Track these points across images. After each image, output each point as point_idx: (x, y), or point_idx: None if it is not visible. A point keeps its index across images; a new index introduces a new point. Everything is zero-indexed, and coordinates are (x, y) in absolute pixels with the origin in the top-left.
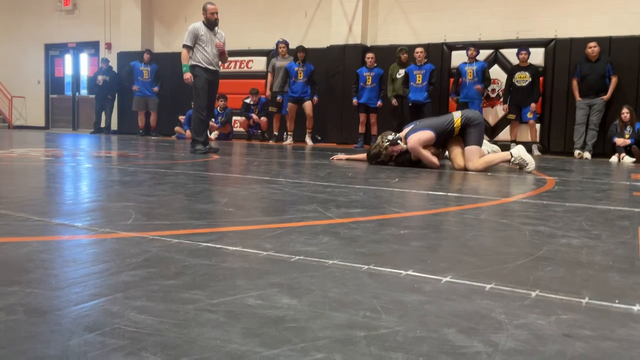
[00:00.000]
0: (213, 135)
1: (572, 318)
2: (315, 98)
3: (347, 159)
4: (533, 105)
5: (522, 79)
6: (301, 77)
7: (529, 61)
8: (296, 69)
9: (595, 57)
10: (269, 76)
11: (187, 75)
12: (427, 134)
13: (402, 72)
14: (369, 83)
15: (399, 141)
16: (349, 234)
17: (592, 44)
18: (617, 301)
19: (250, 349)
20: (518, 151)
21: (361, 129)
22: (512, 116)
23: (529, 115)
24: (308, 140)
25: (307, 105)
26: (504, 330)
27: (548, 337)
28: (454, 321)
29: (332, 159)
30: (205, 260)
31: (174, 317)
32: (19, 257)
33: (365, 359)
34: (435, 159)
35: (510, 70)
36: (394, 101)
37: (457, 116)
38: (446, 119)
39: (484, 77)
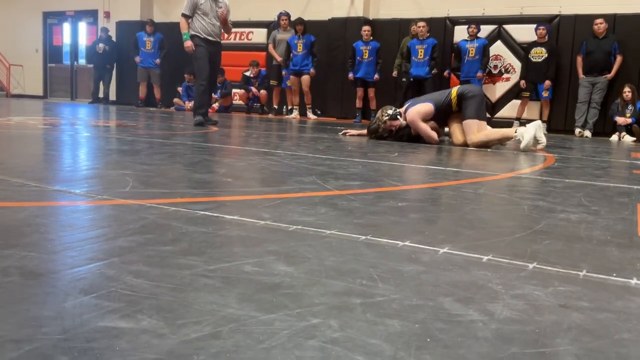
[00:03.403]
0: (215, 105)
1: (569, 290)
2: (312, 70)
3: (359, 135)
4: (548, 82)
5: (538, 54)
6: (300, 50)
7: (546, 37)
8: (295, 41)
9: (602, 34)
10: (270, 48)
11: (188, 44)
12: (426, 106)
13: None
14: (366, 57)
15: (398, 116)
16: (347, 206)
17: (599, 20)
18: (614, 274)
19: (246, 313)
20: (523, 131)
21: (358, 104)
22: (526, 93)
23: (544, 93)
24: (310, 114)
25: (304, 80)
26: (500, 300)
27: (545, 307)
28: (451, 290)
29: (344, 133)
30: (203, 228)
31: (170, 281)
32: (15, 222)
33: (361, 325)
34: (433, 134)
35: (528, 45)
36: (394, 72)
37: (454, 89)
38: (444, 92)
39: (483, 55)
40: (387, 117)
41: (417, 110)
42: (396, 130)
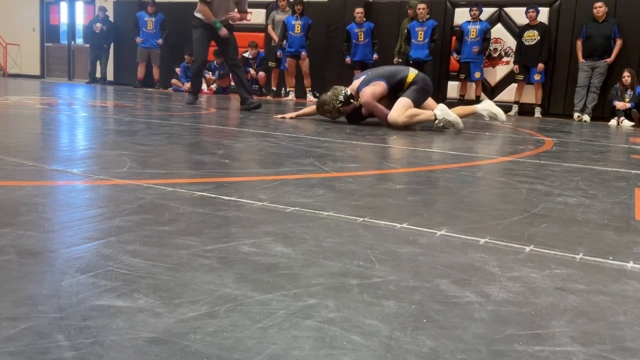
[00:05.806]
0: (213, 86)
1: (566, 272)
2: (303, 53)
3: (296, 116)
4: (540, 65)
5: (531, 37)
6: (298, 31)
7: (538, 19)
8: (293, 22)
9: (602, 18)
10: (269, 29)
11: (224, 32)
12: (380, 86)
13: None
14: (362, 39)
15: (351, 100)
16: (344, 188)
17: (598, 4)
18: (611, 258)
19: (243, 293)
20: (442, 113)
21: None
22: (520, 76)
23: (536, 77)
24: (310, 97)
25: (303, 63)
26: (497, 282)
27: (541, 289)
28: (448, 272)
29: (276, 117)
30: (200, 208)
31: (168, 261)
32: (12, 201)
33: (358, 306)
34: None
35: (520, 29)
36: (395, 60)
37: (413, 72)
38: (399, 70)
39: (484, 38)
40: (339, 105)
41: (372, 92)
42: (350, 113)
